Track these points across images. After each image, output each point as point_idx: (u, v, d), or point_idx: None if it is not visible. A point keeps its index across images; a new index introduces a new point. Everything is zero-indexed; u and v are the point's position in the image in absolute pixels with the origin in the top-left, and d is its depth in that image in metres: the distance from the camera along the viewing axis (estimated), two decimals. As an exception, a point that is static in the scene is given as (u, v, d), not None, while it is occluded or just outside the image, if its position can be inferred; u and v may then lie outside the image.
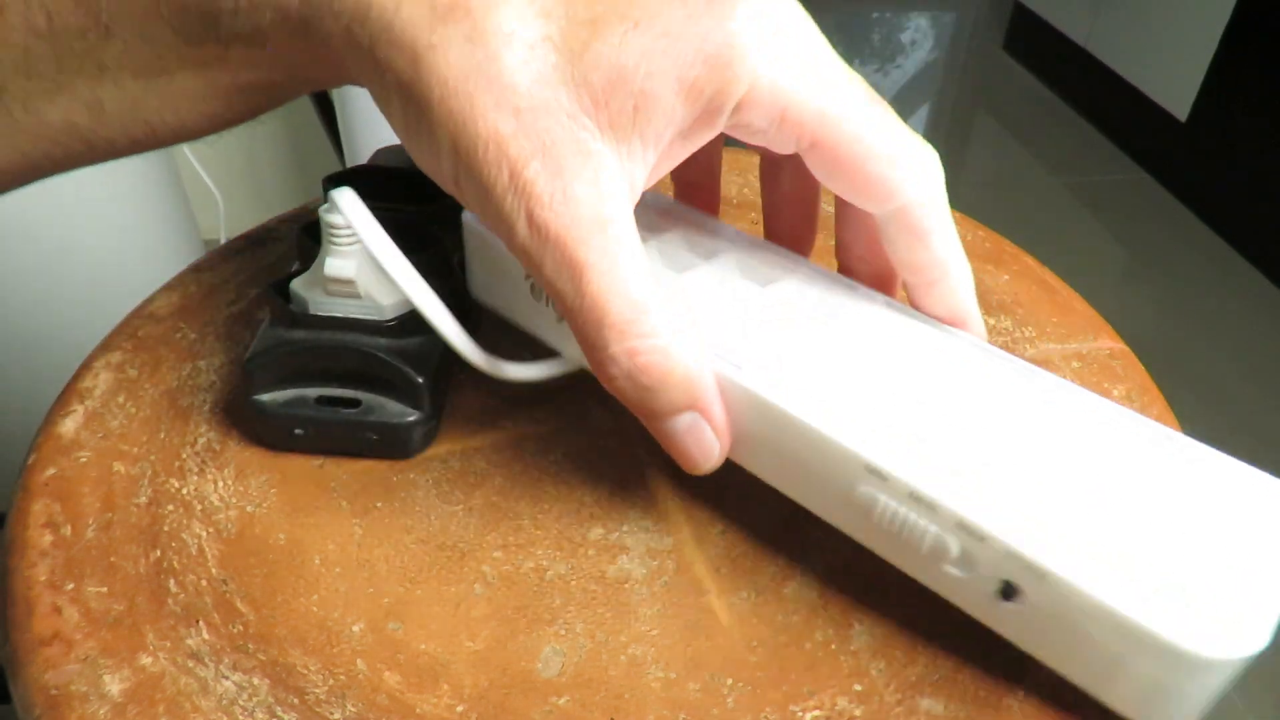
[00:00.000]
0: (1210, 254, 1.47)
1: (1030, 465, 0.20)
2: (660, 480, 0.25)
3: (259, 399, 0.25)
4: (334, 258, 0.24)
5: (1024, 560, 0.18)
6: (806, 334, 0.23)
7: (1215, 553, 0.18)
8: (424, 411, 0.25)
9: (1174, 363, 1.24)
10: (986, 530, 0.18)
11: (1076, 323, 0.31)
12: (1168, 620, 0.17)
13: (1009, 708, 0.20)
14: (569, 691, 0.21)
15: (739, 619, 0.22)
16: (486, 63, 0.19)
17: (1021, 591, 0.18)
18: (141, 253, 0.85)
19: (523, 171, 0.20)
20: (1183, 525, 0.19)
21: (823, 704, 0.20)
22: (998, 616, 0.19)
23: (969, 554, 0.19)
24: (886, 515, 0.20)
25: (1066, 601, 0.18)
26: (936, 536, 0.19)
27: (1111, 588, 0.17)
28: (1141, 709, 0.18)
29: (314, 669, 0.21)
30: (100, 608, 0.21)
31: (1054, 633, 0.18)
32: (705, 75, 0.20)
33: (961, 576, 0.19)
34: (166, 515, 0.24)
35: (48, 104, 0.22)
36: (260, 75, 0.23)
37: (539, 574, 0.23)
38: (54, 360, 0.77)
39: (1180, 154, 1.58)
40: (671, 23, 0.20)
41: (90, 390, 0.27)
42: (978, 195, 1.61)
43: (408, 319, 0.25)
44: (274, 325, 0.25)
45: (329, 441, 0.25)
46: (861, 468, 0.20)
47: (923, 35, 2.18)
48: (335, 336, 0.25)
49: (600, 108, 0.20)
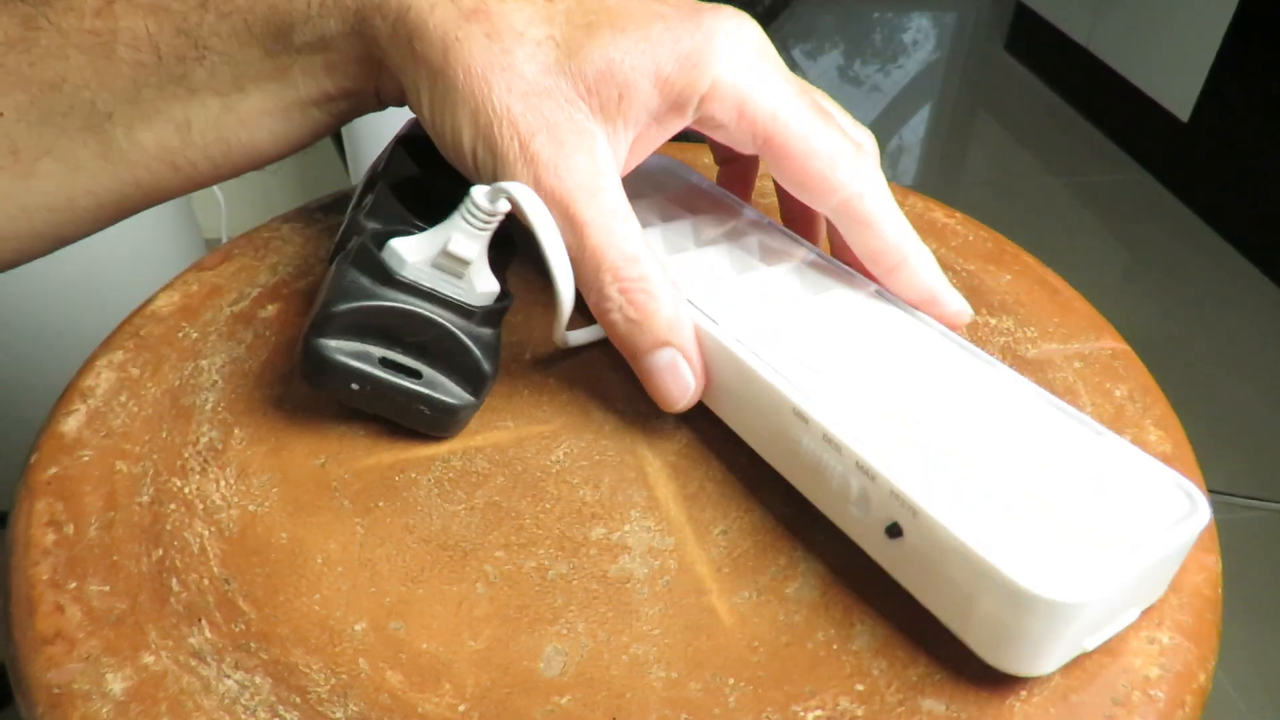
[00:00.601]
0: (1211, 254, 1.47)
1: (936, 426, 0.22)
2: (662, 480, 0.25)
3: (326, 343, 0.24)
4: (464, 236, 0.24)
5: (903, 499, 0.20)
6: (781, 304, 0.26)
7: (1080, 518, 0.20)
8: (479, 399, 0.26)
9: (1175, 363, 1.24)
10: (877, 470, 0.21)
11: (1078, 323, 0.31)
12: (1011, 561, 0.18)
13: (1010, 708, 0.20)
14: (571, 691, 0.21)
15: (741, 619, 0.22)
16: (501, 55, 0.24)
17: (903, 530, 0.21)
18: (143, 252, 0.85)
19: (530, 143, 0.24)
20: (1059, 492, 0.21)
21: (824, 704, 0.20)
22: (886, 555, 0.22)
23: (864, 493, 0.21)
24: (809, 455, 0.23)
25: (933, 539, 0.20)
26: (842, 476, 0.22)
27: (970, 528, 0.19)
28: (991, 648, 0.20)
29: (316, 668, 0.21)
30: (103, 606, 0.21)
31: (925, 570, 0.20)
32: (676, 72, 0.24)
33: (859, 516, 0.22)
34: (169, 514, 0.24)
35: (145, 128, 0.26)
36: (319, 88, 0.27)
37: (541, 573, 0.23)
38: (56, 359, 0.77)
39: (1181, 154, 1.58)
40: (652, 31, 0.24)
41: (92, 389, 0.27)
42: (978, 195, 1.61)
43: (489, 311, 0.26)
44: (358, 274, 0.25)
45: (379, 403, 0.25)
46: (790, 410, 0.23)
47: (924, 35, 2.17)
48: (425, 306, 0.25)
49: (592, 94, 0.24)
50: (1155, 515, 0.20)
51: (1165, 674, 0.21)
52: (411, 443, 0.26)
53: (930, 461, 0.21)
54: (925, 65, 2.05)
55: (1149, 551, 0.19)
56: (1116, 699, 0.20)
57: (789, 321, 0.25)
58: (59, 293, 0.78)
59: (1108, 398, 0.28)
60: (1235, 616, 0.88)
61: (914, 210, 0.37)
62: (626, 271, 0.24)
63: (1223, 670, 0.90)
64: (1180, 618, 0.22)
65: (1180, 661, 0.21)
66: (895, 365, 0.24)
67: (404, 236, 0.25)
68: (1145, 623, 0.22)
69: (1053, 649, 0.19)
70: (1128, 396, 0.28)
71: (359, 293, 0.24)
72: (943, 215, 0.37)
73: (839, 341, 0.25)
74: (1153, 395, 0.29)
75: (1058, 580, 0.18)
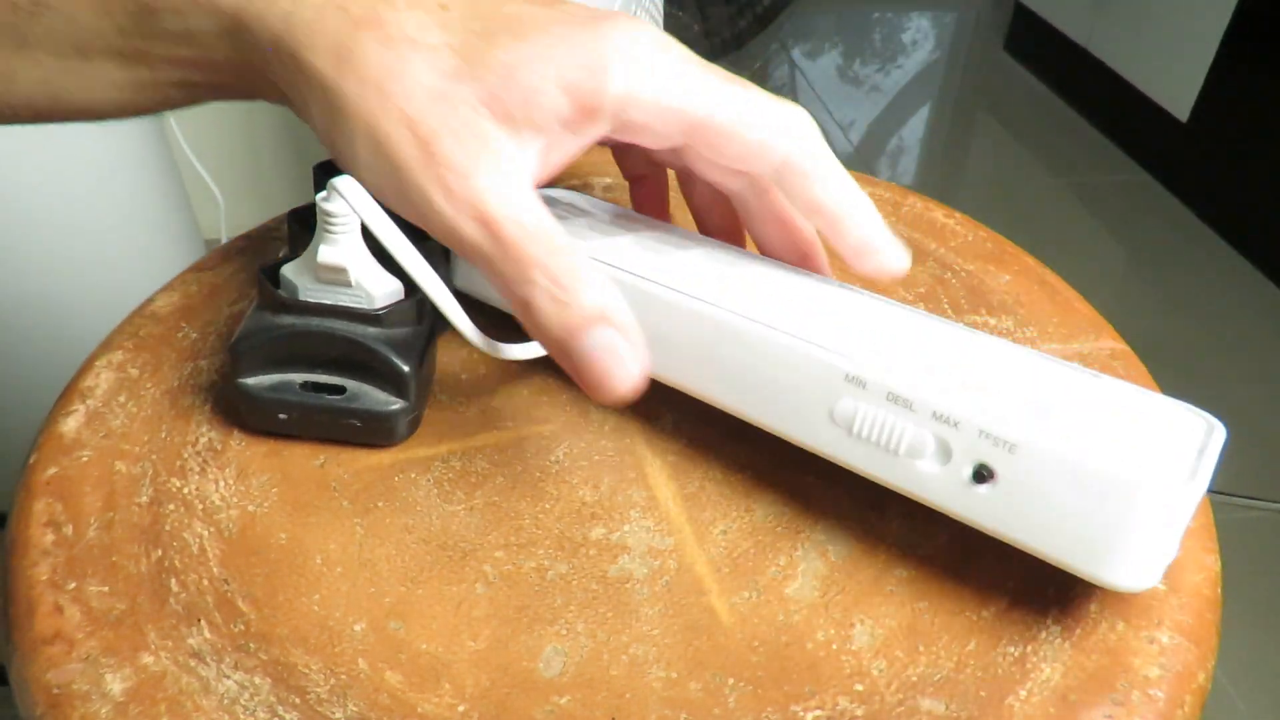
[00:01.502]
0: (1210, 254, 1.47)
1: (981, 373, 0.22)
2: (661, 480, 0.25)
3: (244, 382, 0.25)
4: (328, 245, 0.24)
5: (996, 436, 0.20)
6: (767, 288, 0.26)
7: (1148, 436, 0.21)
8: (408, 401, 0.25)
9: (1174, 363, 1.24)
10: (960, 415, 0.21)
11: (1078, 322, 0.31)
12: (1125, 463, 0.19)
13: (1010, 708, 0.20)
14: (570, 691, 0.21)
15: (740, 619, 0.22)
16: (397, 63, 0.23)
17: (993, 472, 0.21)
18: (142, 252, 0.85)
19: (436, 147, 0.22)
20: (1119, 420, 0.21)
21: (824, 704, 0.20)
22: (971, 504, 0.21)
23: (944, 443, 0.21)
24: (866, 423, 0.22)
25: (1037, 468, 0.20)
26: (914, 435, 0.21)
27: (1076, 446, 0.20)
28: (1106, 561, 0.20)
29: (315, 668, 0.21)
30: (102, 607, 0.21)
31: (1024, 505, 0.20)
32: (583, 78, 0.23)
33: (937, 471, 0.21)
34: (168, 514, 0.24)
35: None
36: (178, 74, 0.25)
37: (540, 574, 0.23)
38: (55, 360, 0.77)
39: (1181, 154, 1.58)
40: (553, 36, 0.23)
41: (92, 390, 0.27)
42: (978, 195, 1.61)
43: (395, 310, 0.25)
44: (262, 309, 0.25)
45: (313, 427, 0.25)
46: (841, 378, 0.22)
47: (923, 35, 2.17)
48: (323, 323, 0.25)
49: (495, 100, 0.23)
50: (1192, 430, 0.21)
51: (1165, 674, 0.21)
52: (411, 443, 0.26)
53: (1000, 402, 0.21)
54: (925, 65, 2.05)
55: (1210, 453, 0.20)
56: (1116, 699, 0.20)
57: (798, 301, 0.25)
58: (59, 293, 0.78)
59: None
60: (1235, 616, 0.88)
61: (914, 210, 0.37)
62: (548, 259, 0.23)
63: (1222, 670, 0.90)
64: (1180, 618, 0.22)
65: (1180, 661, 0.21)
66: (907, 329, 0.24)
67: (290, 262, 0.25)
68: (1145, 622, 0.22)
69: (1164, 546, 0.20)
70: (1127, 396, 0.28)
71: (262, 326, 0.25)
72: (942, 215, 0.37)
73: (853, 312, 0.25)
74: (1152, 395, 0.29)
75: (1167, 472, 0.19)
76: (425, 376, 0.26)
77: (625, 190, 0.38)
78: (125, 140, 0.81)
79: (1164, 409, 0.22)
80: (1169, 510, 0.19)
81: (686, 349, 0.25)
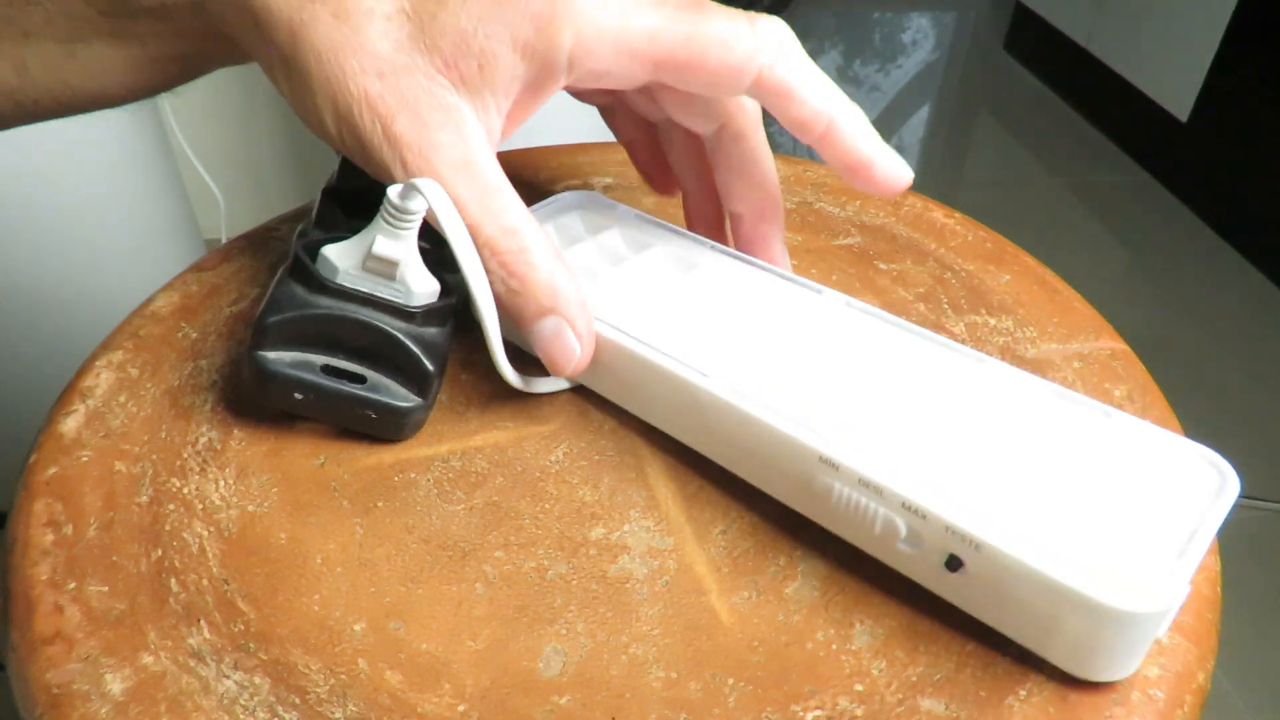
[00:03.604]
0: (1210, 254, 1.47)
1: (961, 443, 0.22)
2: (661, 480, 0.25)
3: (265, 355, 0.24)
4: (389, 238, 0.24)
5: (962, 534, 0.20)
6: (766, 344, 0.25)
7: (1135, 518, 0.20)
8: (426, 400, 0.25)
9: (1174, 363, 1.24)
10: (928, 509, 0.20)
11: (1077, 323, 0.31)
12: (1089, 579, 0.18)
13: (1010, 708, 0.20)
14: (570, 691, 0.21)
15: (740, 619, 0.22)
16: (351, 34, 0.23)
17: (963, 563, 0.20)
18: (142, 252, 0.85)
19: (392, 125, 0.23)
20: (1106, 493, 0.21)
21: (824, 704, 0.20)
22: (946, 587, 0.21)
23: (915, 531, 0.21)
24: (842, 500, 0.22)
25: (1002, 569, 0.19)
26: (886, 517, 0.21)
27: (1039, 554, 0.19)
28: (1075, 662, 0.20)
29: (315, 668, 0.21)
30: (102, 607, 0.21)
31: (994, 598, 0.20)
32: (534, 34, 0.23)
33: (912, 552, 0.21)
34: (168, 514, 0.24)
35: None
36: (169, 48, 0.26)
37: (540, 574, 0.23)
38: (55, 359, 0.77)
39: (1181, 154, 1.58)
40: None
41: (91, 389, 0.27)
42: (978, 195, 1.61)
43: (430, 310, 0.25)
44: (293, 284, 0.25)
45: (325, 412, 0.25)
46: (816, 459, 0.22)
47: (923, 35, 2.17)
48: (360, 311, 0.25)
49: (451, 68, 0.23)
50: (1196, 493, 0.20)
51: (1164, 673, 0.21)
52: (411, 443, 0.26)
53: (974, 485, 0.21)
54: (925, 65, 2.05)
55: (1204, 535, 0.20)
56: (1116, 698, 0.20)
57: (782, 364, 0.24)
58: (59, 293, 0.78)
59: (1107, 398, 0.28)
60: (1235, 616, 0.88)
61: (914, 210, 0.37)
62: (504, 244, 0.24)
63: (1222, 670, 0.90)
64: (1180, 618, 0.22)
65: (1179, 661, 0.21)
66: (898, 385, 0.24)
67: (335, 243, 0.25)
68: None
69: (1138, 651, 0.19)
70: (1127, 396, 0.28)
71: (293, 303, 0.24)
72: (942, 215, 0.37)
73: (835, 372, 0.24)
74: (1152, 395, 0.29)
75: (1137, 591, 0.18)
76: (443, 379, 0.27)
77: (626, 190, 0.38)
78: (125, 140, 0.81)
79: (1171, 461, 0.21)
80: (1140, 629, 0.19)
81: (674, 412, 0.25)
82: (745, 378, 0.24)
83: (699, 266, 0.28)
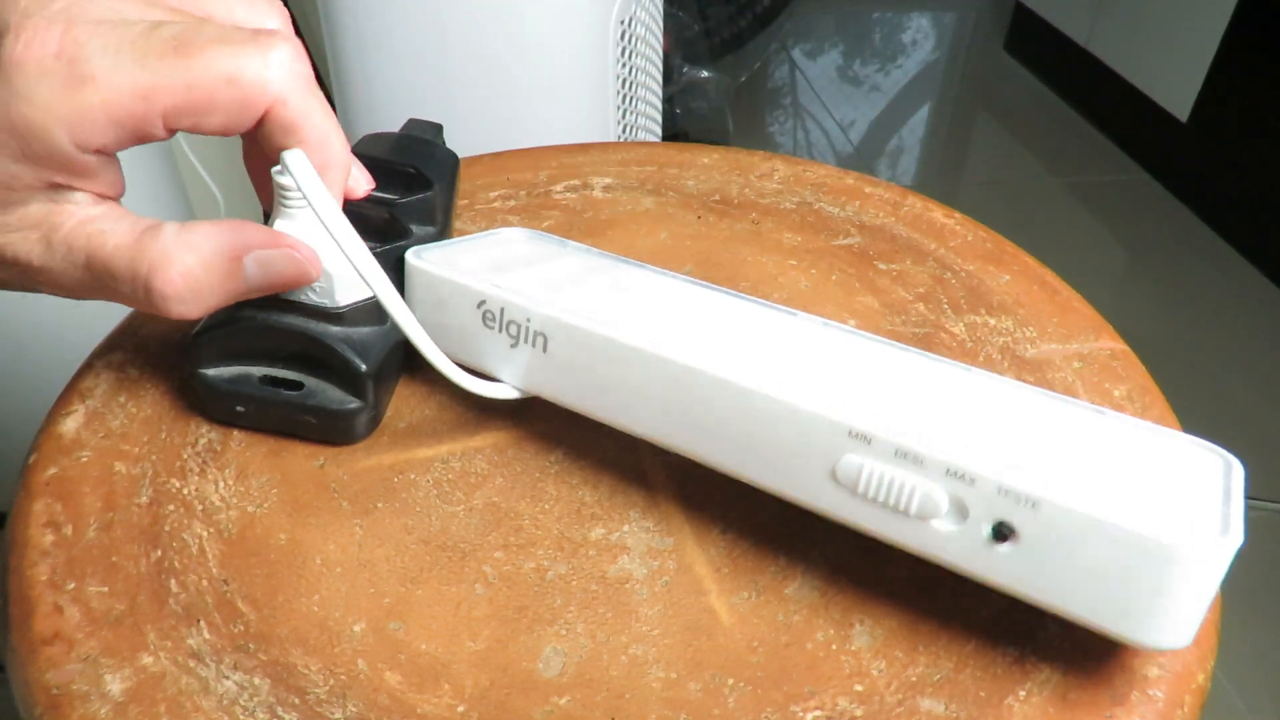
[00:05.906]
0: (1210, 254, 1.47)
1: (988, 424, 0.21)
2: (660, 480, 0.25)
3: (204, 373, 0.25)
4: (283, 220, 0.24)
5: (1018, 493, 0.19)
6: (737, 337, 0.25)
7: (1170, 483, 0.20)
8: (366, 401, 0.25)
9: (1174, 363, 1.24)
10: (976, 471, 0.19)
11: (1077, 323, 0.31)
12: (1162, 525, 0.18)
13: (1009, 708, 0.20)
14: (570, 691, 0.21)
15: (740, 619, 0.22)
16: None
17: (1014, 530, 0.19)
18: (142, 252, 0.85)
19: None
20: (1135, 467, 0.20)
21: (824, 704, 0.20)
22: (990, 563, 0.20)
23: (959, 501, 0.19)
24: (872, 481, 0.20)
25: (1063, 527, 0.18)
26: (925, 493, 0.20)
27: (1104, 505, 0.18)
28: (1137, 622, 0.19)
29: (315, 669, 0.21)
30: (101, 607, 0.21)
31: (1048, 565, 0.19)
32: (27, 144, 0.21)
33: (951, 530, 0.20)
34: (167, 515, 0.24)
35: None
36: None
37: (540, 574, 0.23)
38: (56, 359, 0.77)
39: (1181, 154, 1.58)
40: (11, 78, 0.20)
41: (91, 390, 0.27)
42: (978, 195, 1.61)
43: (360, 309, 0.25)
44: None
45: (270, 421, 0.25)
46: (845, 434, 0.20)
47: (923, 35, 2.17)
48: (283, 318, 0.25)
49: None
50: (1211, 470, 0.20)
51: (1164, 673, 0.21)
52: (411, 444, 0.26)
53: (1013, 453, 0.20)
54: (925, 65, 2.05)
55: (1237, 497, 0.19)
56: (1115, 698, 0.20)
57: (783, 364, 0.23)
58: (58, 293, 0.78)
59: (1107, 398, 0.28)
60: (1235, 616, 0.88)
61: (914, 210, 0.37)
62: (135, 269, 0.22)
63: (1222, 670, 0.90)
64: (1179, 618, 0.22)
65: (1179, 661, 0.21)
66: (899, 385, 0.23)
67: None
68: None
69: (1202, 605, 0.18)
70: (1126, 396, 0.28)
71: (222, 318, 0.24)
72: (942, 215, 0.37)
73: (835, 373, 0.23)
74: (1151, 395, 0.29)
75: (1205, 534, 0.18)
76: (386, 376, 0.26)
77: (625, 190, 0.38)
78: (125, 140, 0.80)
79: (1179, 449, 0.21)
80: (1208, 570, 0.18)
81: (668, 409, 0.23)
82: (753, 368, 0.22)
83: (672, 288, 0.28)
